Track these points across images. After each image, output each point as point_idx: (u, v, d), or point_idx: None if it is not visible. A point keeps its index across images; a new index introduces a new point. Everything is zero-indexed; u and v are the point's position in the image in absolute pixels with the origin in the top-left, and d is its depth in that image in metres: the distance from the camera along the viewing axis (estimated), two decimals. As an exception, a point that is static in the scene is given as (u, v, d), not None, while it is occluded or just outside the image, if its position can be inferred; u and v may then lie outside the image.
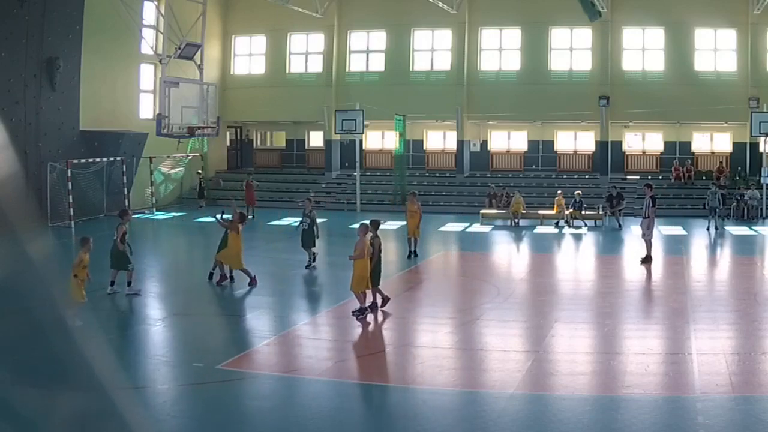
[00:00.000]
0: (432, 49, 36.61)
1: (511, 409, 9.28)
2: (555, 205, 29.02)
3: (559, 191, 29.59)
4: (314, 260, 19.02)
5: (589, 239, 25.94)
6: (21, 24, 25.96)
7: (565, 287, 17.84)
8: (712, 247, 24.52)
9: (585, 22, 30.52)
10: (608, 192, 29.82)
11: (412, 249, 20.95)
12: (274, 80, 38.05)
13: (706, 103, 32.17)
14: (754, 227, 27.64)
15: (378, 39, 37.11)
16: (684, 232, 26.57)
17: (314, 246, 19.01)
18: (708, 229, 26.72)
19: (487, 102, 35.25)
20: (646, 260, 19.71)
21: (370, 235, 13.97)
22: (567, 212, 28.39)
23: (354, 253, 13.65)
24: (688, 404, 9.15)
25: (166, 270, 20.57)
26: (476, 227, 28.07)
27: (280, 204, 34.56)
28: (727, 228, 27.43)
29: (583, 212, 28.51)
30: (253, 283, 16.41)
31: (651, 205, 19.79)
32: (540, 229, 27.75)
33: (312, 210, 19.23)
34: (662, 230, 26.41)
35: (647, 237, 19.85)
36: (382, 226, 15.66)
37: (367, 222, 14.57)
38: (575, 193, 28.81)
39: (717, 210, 27.44)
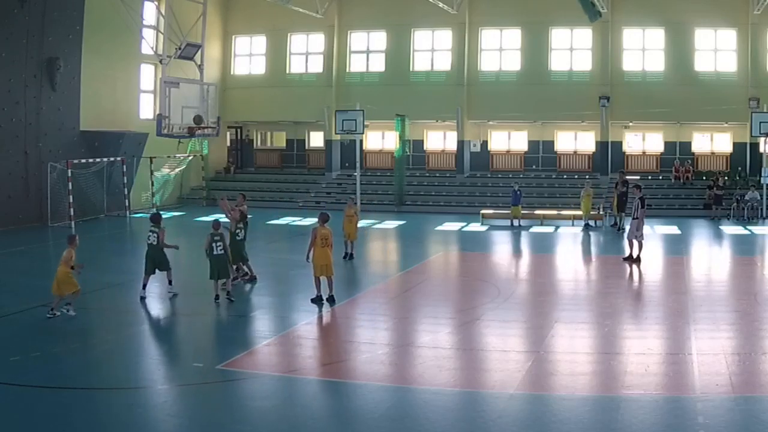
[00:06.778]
0: (432, 50, 36.58)
1: (511, 409, 9.29)
2: (582, 203, 27.72)
3: (589, 185, 28.15)
4: None
5: (589, 239, 25.90)
6: (21, 24, 25.96)
7: (565, 287, 17.84)
8: (712, 248, 24.52)
9: (585, 23, 30.49)
10: (619, 191, 28.64)
11: (349, 251, 20.05)
12: (274, 80, 38.04)
13: (706, 104, 32.16)
14: (754, 227, 27.62)
15: (378, 39, 37.09)
16: (679, 232, 26.54)
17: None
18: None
19: (488, 102, 35.22)
20: (633, 260, 19.78)
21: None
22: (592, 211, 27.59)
23: None
24: (688, 404, 9.16)
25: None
26: (476, 227, 28.05)
27: (281, 204, 34.60)
28: (725, 228, 27.43)
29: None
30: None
31: (640, 206, 19.95)
32: (538, 229, 27.71)
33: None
34: (664, 230, 26.45)
35: (639, 238, 19.92)
36: (380, 225, 15.65)
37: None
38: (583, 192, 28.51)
39: None
